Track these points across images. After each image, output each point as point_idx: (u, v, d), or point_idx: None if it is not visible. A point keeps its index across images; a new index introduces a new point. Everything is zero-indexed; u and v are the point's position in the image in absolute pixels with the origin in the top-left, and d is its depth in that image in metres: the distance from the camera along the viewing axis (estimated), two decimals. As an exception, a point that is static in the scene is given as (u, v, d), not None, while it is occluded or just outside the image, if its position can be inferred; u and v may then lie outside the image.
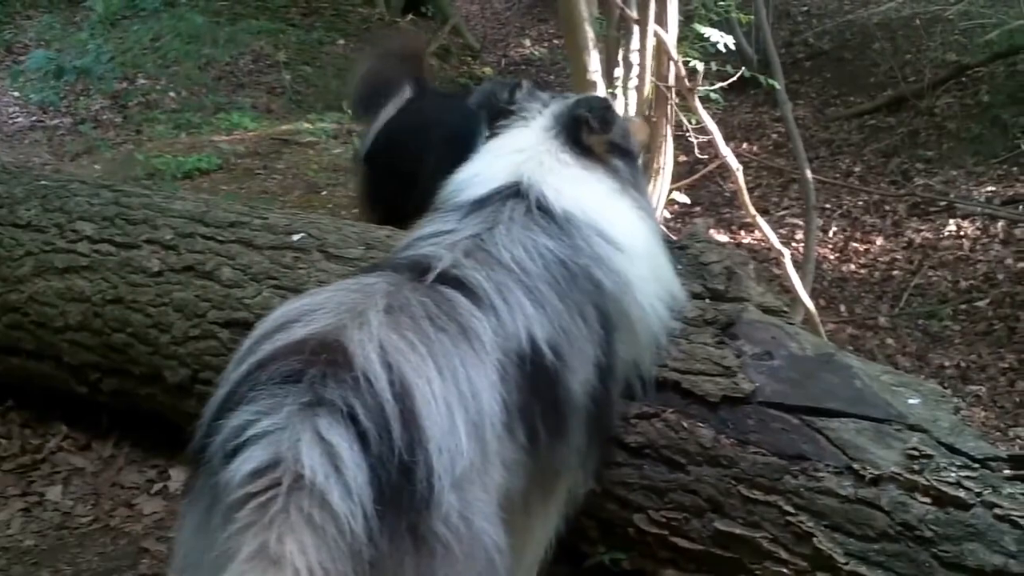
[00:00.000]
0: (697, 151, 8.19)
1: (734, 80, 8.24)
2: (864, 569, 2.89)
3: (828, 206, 11.48)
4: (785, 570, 3.01)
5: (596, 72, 8.10)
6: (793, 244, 10.21)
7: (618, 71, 8.33)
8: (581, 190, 3.11)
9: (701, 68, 8.06)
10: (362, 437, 2.20)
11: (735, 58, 10.98)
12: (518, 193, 3.02)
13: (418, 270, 2.69)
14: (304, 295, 2.67)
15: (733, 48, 8.29)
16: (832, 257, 10.78)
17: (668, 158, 8.43)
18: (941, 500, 2.84)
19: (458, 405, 2.40)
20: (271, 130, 8.42)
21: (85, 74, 10.84)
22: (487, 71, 13.94)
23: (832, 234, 11.15)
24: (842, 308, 9.96)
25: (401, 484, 2.22)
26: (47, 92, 10.80)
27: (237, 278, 3.99)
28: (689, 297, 3.34)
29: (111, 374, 4.29)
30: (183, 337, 4.01)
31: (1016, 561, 2.72)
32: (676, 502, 3.16)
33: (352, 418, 2.21)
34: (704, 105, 8.15)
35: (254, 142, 7.95)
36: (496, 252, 2.81)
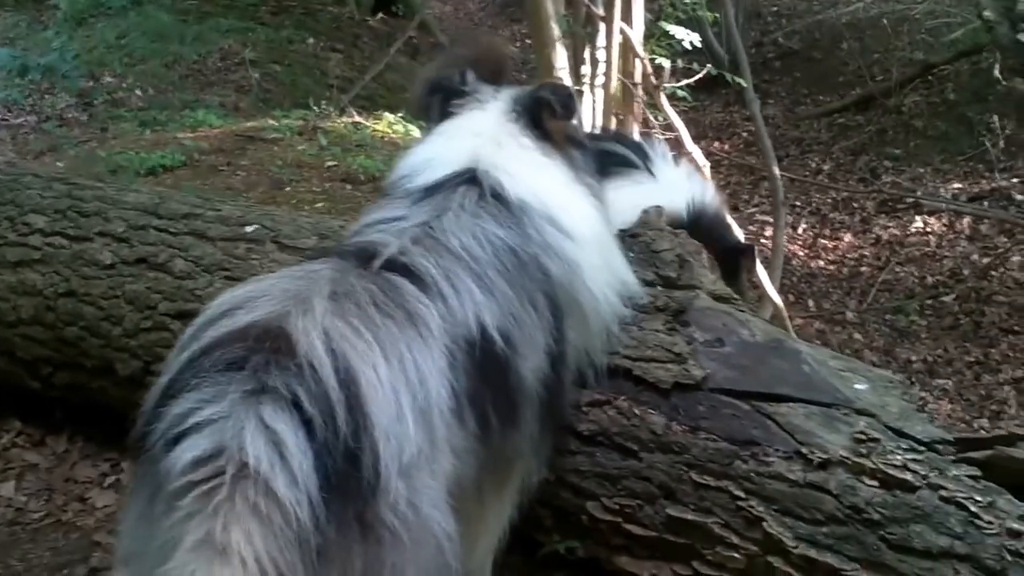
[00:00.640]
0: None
1: (705, 80, 8.27)
2: (813, 552, 2.90)
3: (798, 203, 11.54)
4: (736, 555, 3.02)
5: (563, 69, 8.13)
6: (763, 241, 10.25)
7: (585, 68, 8.34)
8: (538, 177, 3.09)
9: (668, 66, 8.09)
10: (307, 424, 2.18)
11: (705, 57, 11.01)
12: (472, 179, 2.99)
13: (364, 257, 2.66)
14: (248, 282, 2.64)
15: (700, 46, 8.31)
16: (801, 253, 10.83)
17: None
18: (888, 483, 2.85)
19: (405, 391, 2.39)
20: (236, 127, 8.39)
21: (50, 72, 10.78)
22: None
23: (801, 231, 11.21)
24: (810, 303, 10.01)
25: (347, 471, 2.20)
26: (11, 90, 10.72)
27: (190, 270, 3.97)
28: (641, 285, 3.33)
29: (63, 368, 4.26)
30: (135, 329, 3.99)
31: (961, 542, 2.73)
32: (629, 489, 3.16)
33: (296, 405, 2.19)
34: (671, 103, 8.17)
35: (219, 139, 7.92)
36: (444, 239, 2.79)
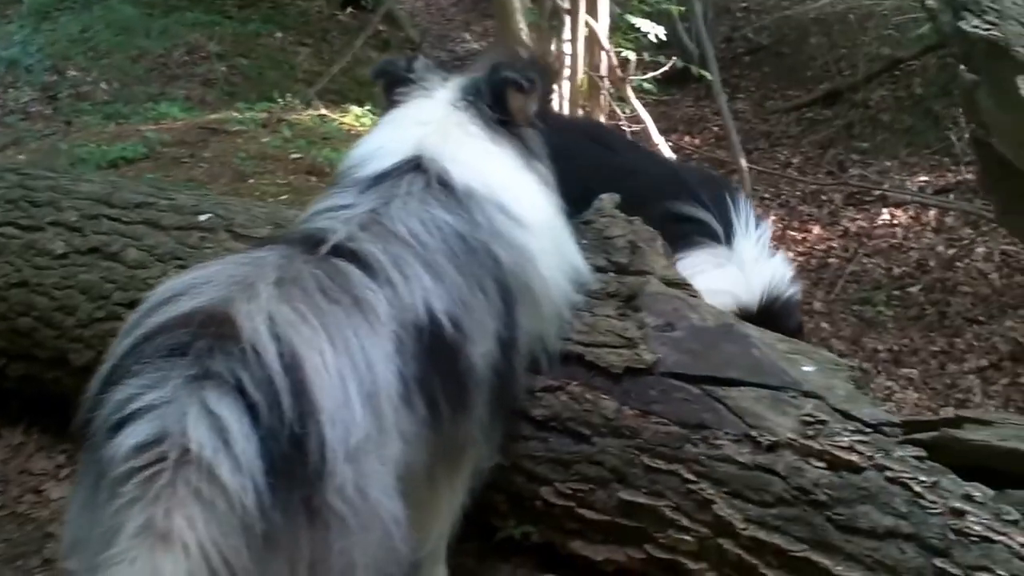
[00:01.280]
0: (631, 140, 8.19)
1: (676, 75, 8.30)
2: (762, 534, 2.92)
3: (767, 196, 11.56)
4: (687, 537, 3.04)
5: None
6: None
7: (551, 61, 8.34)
8: (485, 165, 3.09)
9: (633, 58, 8.11)
10: (251, 409, 2.18)
11: (675, 52, 11.03)
12: (418, 167, 2.99)
13: (312, 243, 2.67)
14: (193, 268, 2.64)
15: (665, 39, 8.34)
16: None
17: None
18: (835, 464, 2.88)
19: (351, 376, 2.39)
20: (200, 119, 8.35)
21: (14, 66, 10.71)
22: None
23: (770, 223, 11.23)
24: (779, 294, 9.99)
25: (293, 456, 2.21)
26: (-26, 85, 10.66)
27: (143, 259, 3.97)
28: (593, 271, 3.35)
29: (17, 359, 4.24)
30: (88, 319, 3.98)
31: (906, 522, 2.76)
32: (581, 474, 3.18)
33: (240, 390, 2.19)
34: (638, 95, 8.19)
35: (182, 131, 7.88)
36: (392, 226, 2.79)
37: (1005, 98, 3.32)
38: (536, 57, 6.29)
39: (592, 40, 8.08)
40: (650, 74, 8.13)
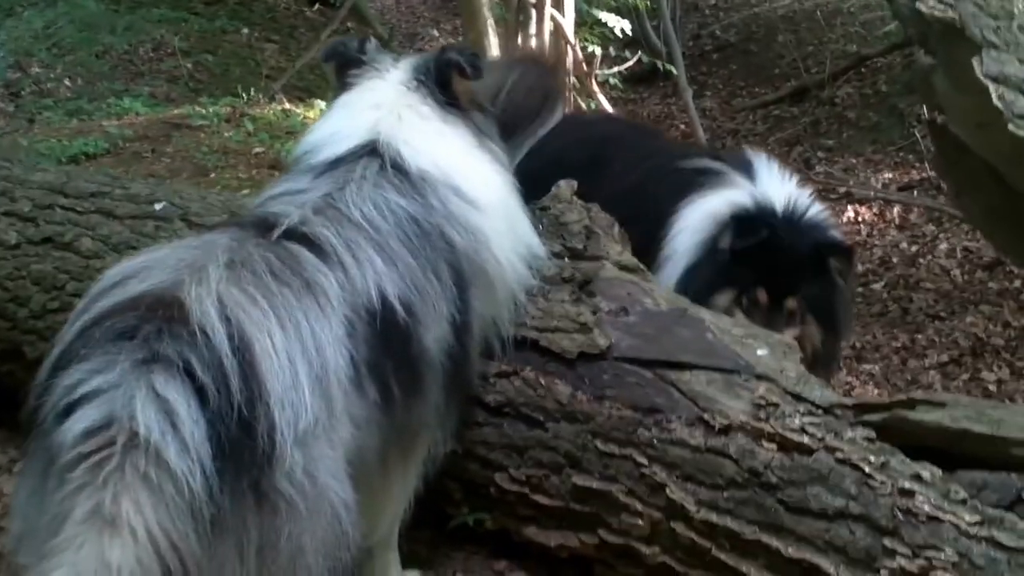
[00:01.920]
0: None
1: (645, 73, 8.31)
2: (714, 517, 2.94)
3: (732, 194, 11.57)
4: (640, 521, 3.05)
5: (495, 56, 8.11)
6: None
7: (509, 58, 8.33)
8: (439, 147, 3.10)
9: (599, 53, 8.12)
10: (199, 393, 2.18)
11: (643, 49, 11.04)
12: (373, 152, 2.99)
13: (264, 227, 2.66)
14: (143, 252, 2.63)
15: (631, 34, 8.35)
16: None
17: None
18: (786, 446, 2.90)
19: (301, 359, 2.38)
20: (162, 115, 8.31)
21: (-25, 63, 10.63)
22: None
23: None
24: (744, 294, 10.02)
25: (241, 440, 2.20)
26: (-64, 82, 10.54)
27: (97, 249, 3.94)
28: (549, 255, 3.35)
29: (-30, 353, 4.17)
30: (42, 310, 3.94)
31: (856, 502, 2.79)
32: (535, 459, 3.19)
33: (188, 373, 2.19)
34: (603, 91, 8.20)
35: (144, 126, 7.84)
36: (346, 210, 2.79)
37: (960, 79, 3.33)
38: (543, 58, 6.32)
39: (558, 35, 8.09)
40: (616, 68, 8.14)
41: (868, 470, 2.80)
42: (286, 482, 2.27)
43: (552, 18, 8.02)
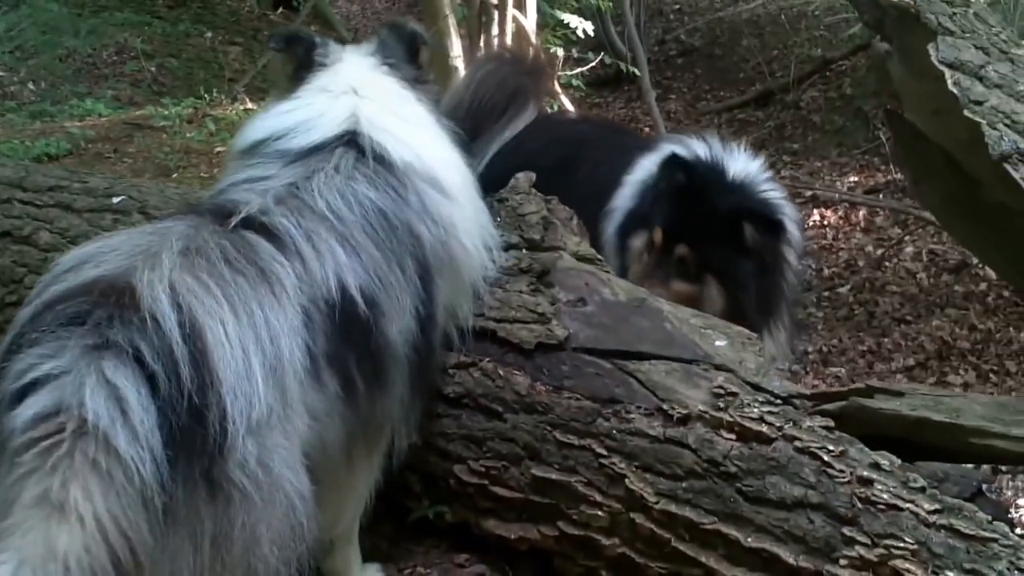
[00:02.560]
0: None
1: (609, 78, 8.31)
2: (673, 507, 2.93)
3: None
4: (600, 512, 3.03)
5: (458, 57, 8.10)
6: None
7: (480, 56, 8.33)
8: (418, 134, 3.10)
9: (561, 54, 8.12)
10: (150, 380, 2.15)
11: (608, 53, 11.06)
12: (352, 142, 2.96)
13: (222, 214, 2.63)
14: (98, 238, 2.59)
15: (594, 35, 8.36)
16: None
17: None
18: (745, 436, 2.90)
19: (255, 348, 2.36)
20: (125, 116, 8.27)
21: (-63, 66, 10.56)
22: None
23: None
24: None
25: (192, 428, 2.17)
26: (-102, 85, 10.44)
27: (55, 242, 3.88)
28: (506, 246, 3.34)
29: (-72, 348, 4.12)
30: (0, 304, 3.89)
31: (815, 491, 2.79)
32: (494, 451, 3.17)
33: (139, 360, 2.16)
34: (566, 92, 8.20)
35: (106, 127, 7.81)
36: (310, 200, 2.76)
37: (916, 66, 3.35)
38: (514, 54, 6.32)
39: (520, 36, 8.09)
40: (579, 70, 8.15)
41: (827, 459, 2.80)
42: (239, 472, 2.24)
43: (514, 19, 8.02)
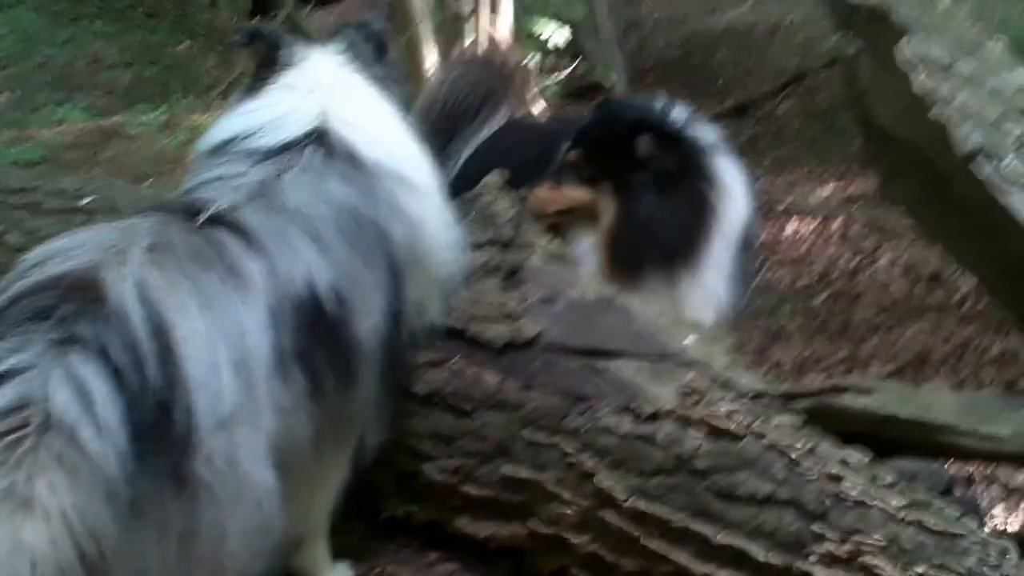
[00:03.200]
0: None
1: (585, 87, 8.33)
2: (643, 504, 2.92)
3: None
4: (569, 510, 3.03)
5: (432, 65, 8.10)
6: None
7: (451, 59, 8.33)
8: (387, 132, 3.10)
9: (536, 61, 8.14)
10: (116, 374, 2.13)
11: (585, 63, 11.09)
12: (322, 139, 2.95)
13: (190, 211, 2.62)
14: (66, 234, 2.58)
15: (568, 44, 8.40)
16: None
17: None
18: (714, 432, 2.90)
19: (222, 344, 2.35)
20: (98, 123, 8.24)
21: (-87, 74, 10.49)
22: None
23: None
24: (686, 308, 10.05)
25: (159, 423, 2.16)
26: None
27: (24, 243, 3.84)
28: (476, 245, 3.35)
29: None
30: (-32, 304, 3.85)
31: (784, 488, 2.79)
32: (464, 449, 3.17)
33: (105, 355, 2.14)
34: (541, 99, 8.21)
35: (80, 134, 7.79)
36: (281, 197, 2.75)
37: (885, 65, 3.37)
38: (488, 56, 6.34)
39: (495, 44, 8.09)
40: (554, 76, 8.18)
41: (796, 455, 2.81)
42: (206, 467, 2.23)
43: (488, 27, 8.04)
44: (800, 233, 10.81)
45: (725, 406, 2.92)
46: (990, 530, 3.30)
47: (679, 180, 3.73)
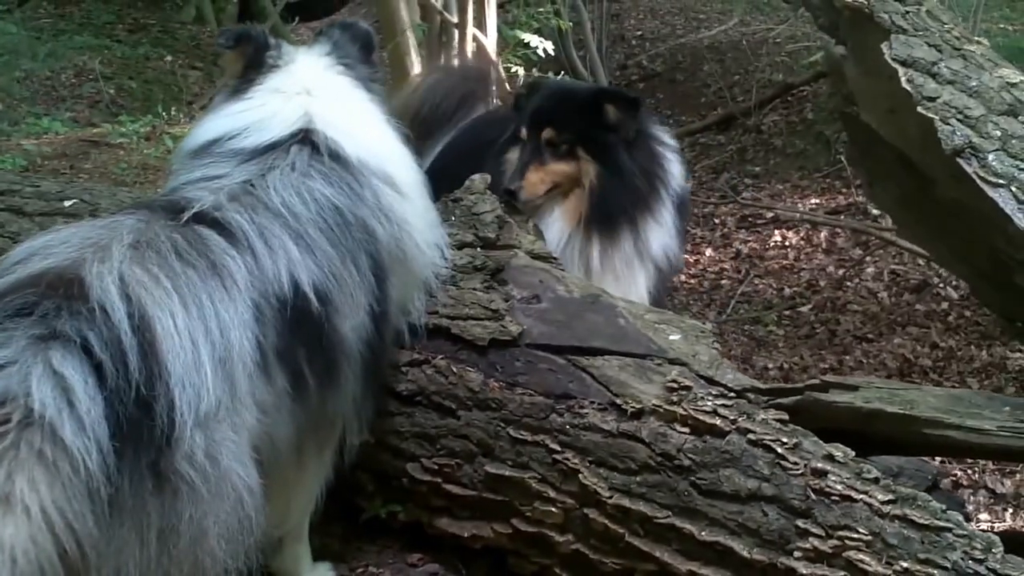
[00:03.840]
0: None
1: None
2: (627, 502, 2.91)
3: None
4: (554, 508, 3.02)
5: (418, 76, 8.09)
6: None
7: (428, 67, 8.32)
8: (372, 133, 3.12)
9: (522, 73, 8.15)
10: (97, 370, 2.12)
11: (570, 77, 11.10)
12: (306, 139, 2.96)
13: (174, 210, 2.62)
14: (49, 231, 2.57)
15: (552, 55, 8.39)
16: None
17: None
18: (698, 429, 2.89)
19: (204, 341, 2.34)
20: (81, 133, 8.22)
21: None
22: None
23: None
24: (671, 316, 10.05)
25: (140, 420, 2.15)
26: None
27: (6, 246, 3.81)
28: (460, 244, 3.36)
29: None
30: (-51, 308, 3.82)
31: (769, 483, 2.78)
32: (448, 448, 3.15)
33: (86, 351, 2.13)
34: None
35: (63, 144, 7.77)
36: (265, 196, 2.76)
37: (870, 66, 3.37)
38: (466, 64, 6.36)
39: (481, 55, 8.10)
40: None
41: (781, 451, 2.80)
42: (187, 464, 2.22)
43: (475, 38, 8.04)
44: (786, 243, 10.83)
45: (710, 402, 2.90)
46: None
47: (640, 140, 4.11)
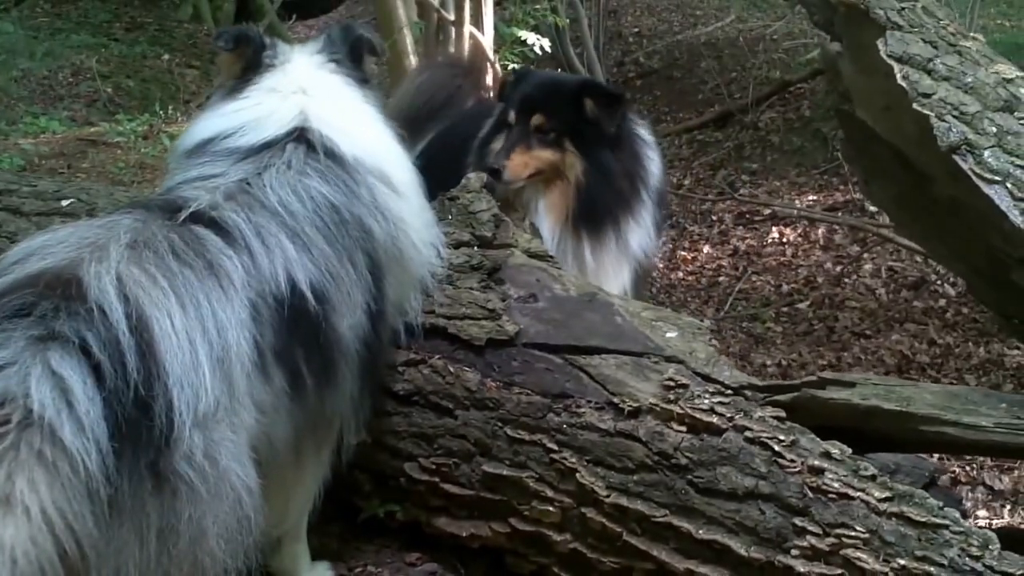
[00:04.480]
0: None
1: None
2: (625, 501, 2.92)
3: (657, 217, 11.61)
4: (551, 508, 3.02)
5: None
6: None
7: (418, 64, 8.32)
8: (367, 132, 3.11)
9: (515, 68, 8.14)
10: (96, 370, 2.13)
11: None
12: (302, 138, 2.96)
13: (171, 209, 2.62)
14: (46, 231, 2.57)
15: (550, 53, 8.39)
16: (661, 265, 10.90)
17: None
18: (695, 427, 2.89)
19: (202, 340, 2.34)
20: (79, 132, 8.21)
21: None
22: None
23: (661, 243, 11.29)
24: (669, 313, 10.06)
25: (139, 419, 2.15)
26: None
27: (3, 246, 3.81)
28: (457, 243, 3.35)
29: None
30: (-53, 308, 3.82)
31: (766, 481, 2.78)
32: (445, 448, 3.15)
33: (85, 351, 2.13)
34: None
35: (60, 144, 7.75)
36: (261, 195, 2.76)
37: (866, 63, 3.36)
38: (455, 61, 6.37)
39: (477, 52, 8.09)
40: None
41: (778, 449, 2.80)
42: (186, 464, 2.22)
43: (471, 36, 8.04)
44: (783, 240, 10.83)
45: (707, 400, 2.91)
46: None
47: (622, 137, 4.16)
